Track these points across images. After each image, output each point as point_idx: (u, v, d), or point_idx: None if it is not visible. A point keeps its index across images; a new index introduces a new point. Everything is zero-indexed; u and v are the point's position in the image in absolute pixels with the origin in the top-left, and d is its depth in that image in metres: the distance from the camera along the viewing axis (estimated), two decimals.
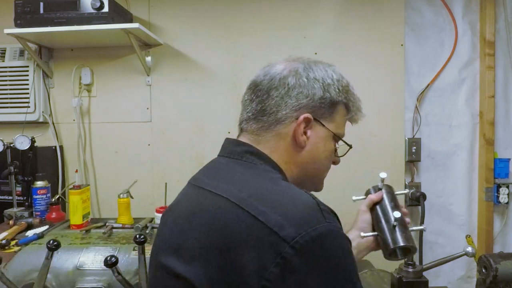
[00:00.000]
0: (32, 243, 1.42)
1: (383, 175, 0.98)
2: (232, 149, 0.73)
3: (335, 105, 0.75)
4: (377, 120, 1.94)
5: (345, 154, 0.83)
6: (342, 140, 0.80)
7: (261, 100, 0.73)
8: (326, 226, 0.54)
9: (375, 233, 0.93)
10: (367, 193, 1.01)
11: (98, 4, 1.69)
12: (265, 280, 0.51)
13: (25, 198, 1.81)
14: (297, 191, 0.62)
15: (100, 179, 2.06)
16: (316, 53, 1.93)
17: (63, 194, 1.92)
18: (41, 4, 1.73)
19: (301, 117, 0.71)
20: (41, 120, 2.00)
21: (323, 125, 0.74)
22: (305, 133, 0.73)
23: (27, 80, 1.98)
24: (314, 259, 0.52)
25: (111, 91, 2.03)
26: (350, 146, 0.83)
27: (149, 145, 2.03)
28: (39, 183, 1.77)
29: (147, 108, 2.02)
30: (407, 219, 0.95)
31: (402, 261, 1.06)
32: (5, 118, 1.99)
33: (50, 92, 2.05)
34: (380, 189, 0.99)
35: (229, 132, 1.93)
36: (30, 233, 1.53)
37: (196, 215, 0.63)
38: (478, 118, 1.99)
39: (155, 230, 1.57)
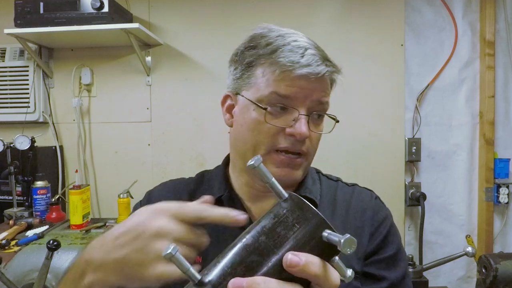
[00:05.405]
0: (32, 243, 1.42)
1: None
2: None
3: (249, 70, 0.68)
4: (377, 120, 1.94)
5: (281, 115, 0.65)
6: (256, 104, 0.65)
7: None
8: None
9: None
10: None
11: (98, 4, 1.69)
12: None
13: (25, 198, 1.81)
14: None
15: (100, 179, 2.06)
16: None
17: (63, 194, 1.92)
18: (41, 4, 1.73)
19: (222, 98, 0.75)
20: (41, 120, 2.00)
21: (243, 96, 0.69)
22: (229, 112, 0.74)
23: (27, 80, 1.98)
24: None
25: (111, 91, 2.03)
26: (266, 108, 0.65)
27: (149, 145, 2.03)
28: (39, 183, 1.77)
29: (147, 108, 2.02)
30: None
31: None
32: (5, 118, 1.99)
33: (50, 92, 2.05)
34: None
35: (228, 132, 1.92)
36: (30, 233, 1.53)
37: None
38: (478, 118, 1.99)
39: None
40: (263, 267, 0.35)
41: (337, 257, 0.37)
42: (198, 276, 0.35)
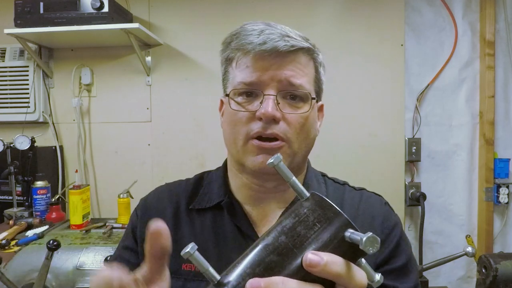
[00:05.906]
0: (32, 243, 1.42)
1: None
2: None
3: (225, 68, 0.71)
4: (377, 120, 1.94)
5: (244, 99, 0.65)
6: (228, 96, 0.67)
7: None
8: None
9: None
10: None
11: (98, 4, 1.69)
12: None
13: (25, 198, 1.81)
14: None
15: (100, 179, 2.06)
16: None
17: (63, 194, 1.92)
18: (41, 4, 1.73)
19: (219, 104, 0.76)
20: (41, 120, 2.00)
21: (225, 95, 0.70)
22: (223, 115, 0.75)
23: (27, 80, 1.98)
24: None
25: (111, 91, 2.03)
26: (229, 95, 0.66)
27: (149, 145, 2.03)
28: (39, 183, 1.77)
29: (147, 108, 2.02)
30: None
31: None
32: (5, 118, 1.99)
33: (50, 92, 2.05)
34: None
35: None
36: (30, 233, 1.53)
37: None
38: (478, 118, 1.99)
39: None
40: (282, 267, 0.33)
41: (364, 260, 0.36)
42: (218, 277, 0.34)
